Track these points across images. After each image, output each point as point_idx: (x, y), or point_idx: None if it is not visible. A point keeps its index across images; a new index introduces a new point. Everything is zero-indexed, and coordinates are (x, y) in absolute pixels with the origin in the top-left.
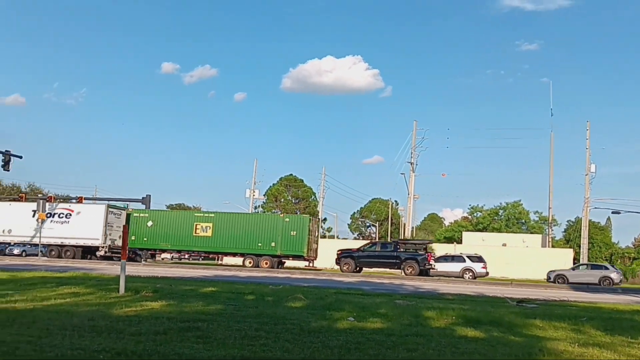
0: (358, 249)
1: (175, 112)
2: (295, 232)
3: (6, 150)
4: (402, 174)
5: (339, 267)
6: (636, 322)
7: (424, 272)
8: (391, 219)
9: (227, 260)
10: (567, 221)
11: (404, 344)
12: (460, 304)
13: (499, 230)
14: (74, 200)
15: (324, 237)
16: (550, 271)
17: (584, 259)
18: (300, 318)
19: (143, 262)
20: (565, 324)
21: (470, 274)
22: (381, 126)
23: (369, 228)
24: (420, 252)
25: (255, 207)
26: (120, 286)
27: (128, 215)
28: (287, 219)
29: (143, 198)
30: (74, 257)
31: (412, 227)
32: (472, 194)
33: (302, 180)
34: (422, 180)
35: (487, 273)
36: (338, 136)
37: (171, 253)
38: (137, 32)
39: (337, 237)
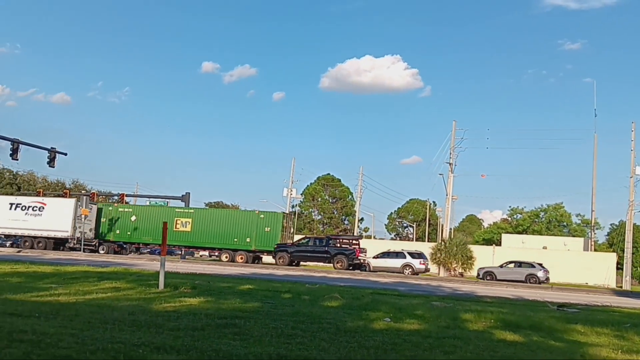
0: (292, 244)
1: (215, 110)
2: (269, 229)
3: (52, 147)
4: (440, 174)
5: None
6: None
7: (355, 266)
8: (429, 220)
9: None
10: (611, 225)
11: (441, 346)
12: (498, 307)
13: (539, 233)
14: (115, 198)
15: (360, 237)
16: (480, 268)
17: (627, 263)
18: (337, 317)
19: (181, 260)
20: (608, 329)
21: (410, 269)
22: (420, 126)
23: (406, 229)
24: (349, 248)
25: (293, 206)
26: (159, 282)
27: (99, 210)
28: (262, 215)
29: (182, 196)
30: (45, 248)
31: (450, 229)
32: (512, 195)
33: (339, 180)
34: (460, 181)
35: (428, 269)
36: (376, 136)
37: (208, 250)
38: (178, 32)
39: (374, 238)
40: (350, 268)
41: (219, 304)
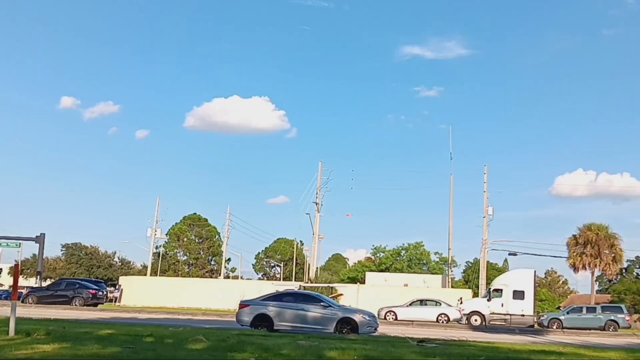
0: None
1: (74, 148)
2: None
3: None
4: (307, 214)
5: None
6: None
7: None
8: (296, 259)
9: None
10: (466, 262)
11: None
12: (362, 344)
13: (401, 271)
14: None
15: (227, 277)
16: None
17: None
18: None
19: None
20: None
21: None
22: (287, 167)
23: (274, 268)
24: None
25: (157, 247)
26: (10, 328)
27: None
28: None
29: (37, 237)
30: None
31: (317, 267)
32: (376, 234)
33: (206, 220)
34: (327, 220)
35: None
36: (243, 176)
37: None
38: (36, 64)
39: (241, 278)
40: None
41: (75, 350)
